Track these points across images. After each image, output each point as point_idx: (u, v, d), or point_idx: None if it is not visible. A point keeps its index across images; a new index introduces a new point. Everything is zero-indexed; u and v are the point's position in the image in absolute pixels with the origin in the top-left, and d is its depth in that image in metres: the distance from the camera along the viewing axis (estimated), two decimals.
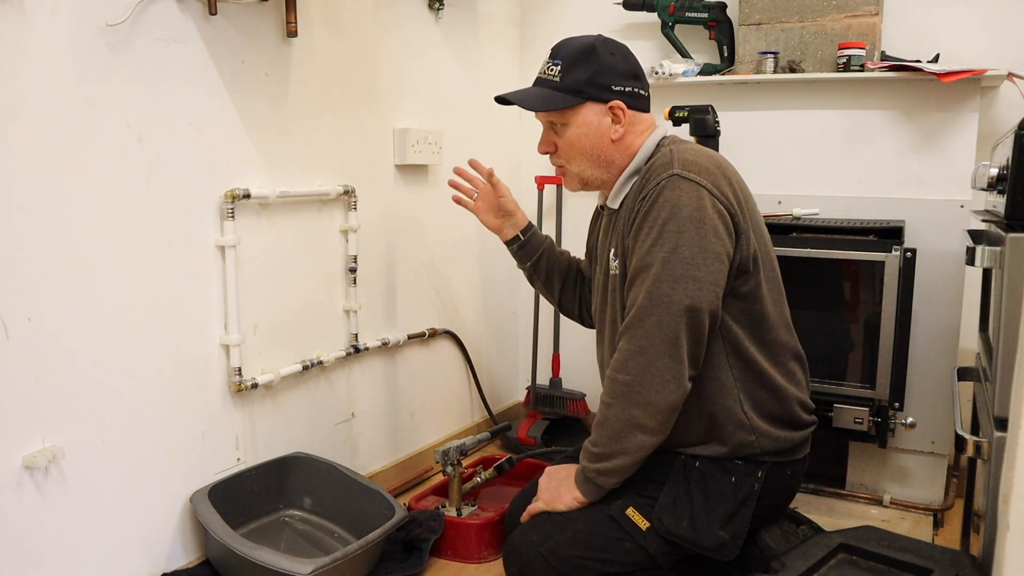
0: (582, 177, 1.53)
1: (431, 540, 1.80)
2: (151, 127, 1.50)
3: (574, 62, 1.46)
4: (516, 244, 1.79)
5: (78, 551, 1.44)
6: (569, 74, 1.46)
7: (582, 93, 1.46)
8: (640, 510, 1.42)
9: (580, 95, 1.46)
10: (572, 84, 1.46)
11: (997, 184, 1.31)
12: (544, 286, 1.82)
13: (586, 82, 1.46)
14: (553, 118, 1.50)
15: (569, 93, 1.46)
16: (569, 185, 1.57)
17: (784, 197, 2.23)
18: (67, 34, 1.35)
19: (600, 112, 1.48)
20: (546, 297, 1.86)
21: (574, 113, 1.48)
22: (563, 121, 1.49)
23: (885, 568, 1.31)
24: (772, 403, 1.47)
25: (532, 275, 1.82)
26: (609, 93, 1.47)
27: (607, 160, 1.50)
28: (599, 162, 1.50)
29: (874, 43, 2.10)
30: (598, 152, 1.49)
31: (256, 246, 1.75)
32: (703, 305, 1.34)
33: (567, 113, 1.48)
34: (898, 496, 2.14)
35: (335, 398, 2.02)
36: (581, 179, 1.54)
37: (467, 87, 2.43)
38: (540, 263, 1.79)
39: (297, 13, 1.73)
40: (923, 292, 2.03)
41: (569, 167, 1.53)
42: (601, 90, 1.47)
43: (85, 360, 1.42)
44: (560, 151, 1.53)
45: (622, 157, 1.50)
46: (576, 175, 1.54)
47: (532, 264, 1.79)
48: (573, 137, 1.49)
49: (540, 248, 1.79)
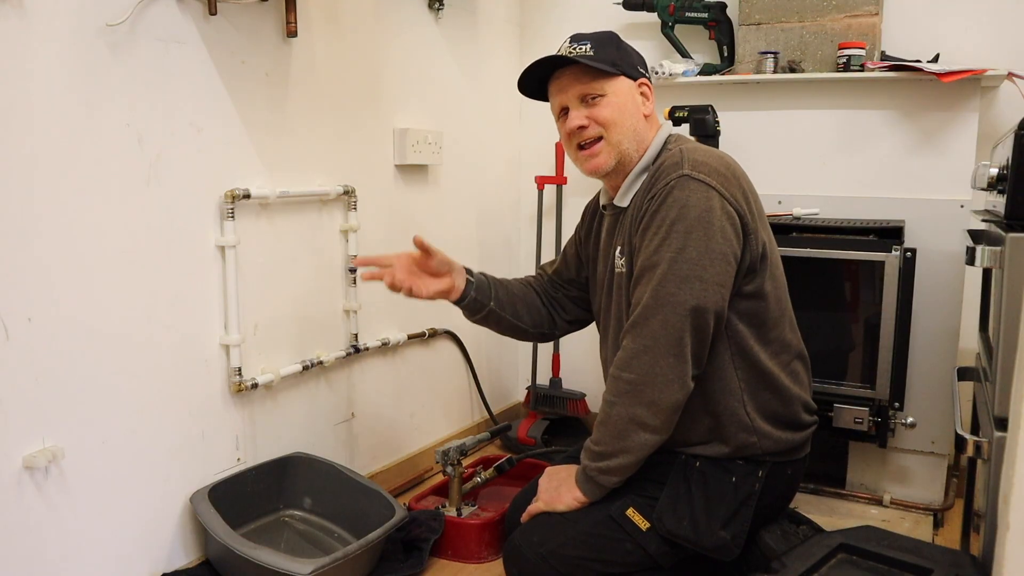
0: (620, 149, 1.48)
1: (431, 540, 1.80)
2: (151, 127, 1.50)
3: (603, 43, 1.48)
4: (472, 287, 1.65)
5: (78, 551, 1.44)
6: (602, 50, 1.47)
7: (617, 66, 1.48)
8: (640, 510, 1.42)
9: (616, 67, 1.47)
10: (607, 58, 1.47)
11: (997, 184, 1.31)
12: (512, 317, 1.70)
13: (618, 58, 1.48)
14: (592, 88, 1.47)
15: (606, 64, 1.47)
16: (600, 161, 1.49)
17: (784, 197, 2.23)
18: (67, 34, 1.35)
19: (632, 87, 1.50)
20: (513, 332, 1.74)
21: (612, 82, 1.48)
22: (601, 91, 1.47)
23: (885, 568, 1.31)
24: (775, 404, 1.47)
25: (497, 312, 1.68)
26: (637, 72, 1.51)
27: (641, 135, 1.50)
28: (635, 135, 1.49)
29: (874, 43, 2.10)
30: (635, 124, 1.49)
31: (256, 246, 1.75)
32: (708, 306, 1.34)
33: (606, 83, 1.47)
34: (898, 496, 2.14)
35: (335, 398, 2.02)
36: (619, 152, 1.48)
37: (467, 87, 2.43)
38: (499, 295, 1.69)
39: (297, 13, 1.74)
40: (923, 292, 2.03)
41: (609, 136, 1.48)
42: (631, 68, 1.50)
43: (85, 360, 1.42)
44: (599, 121, 1.48)
45: (648, 138, 1.51)
46: (615, 146, 1.48)
47: (494, 299, 1.67)
48: (613, 105, 1.47)
49: (488, 281, 1.69)
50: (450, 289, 1.63)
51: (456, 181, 2.40)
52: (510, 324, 1.71)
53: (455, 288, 1.63)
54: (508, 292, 1.71)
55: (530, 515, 1.50)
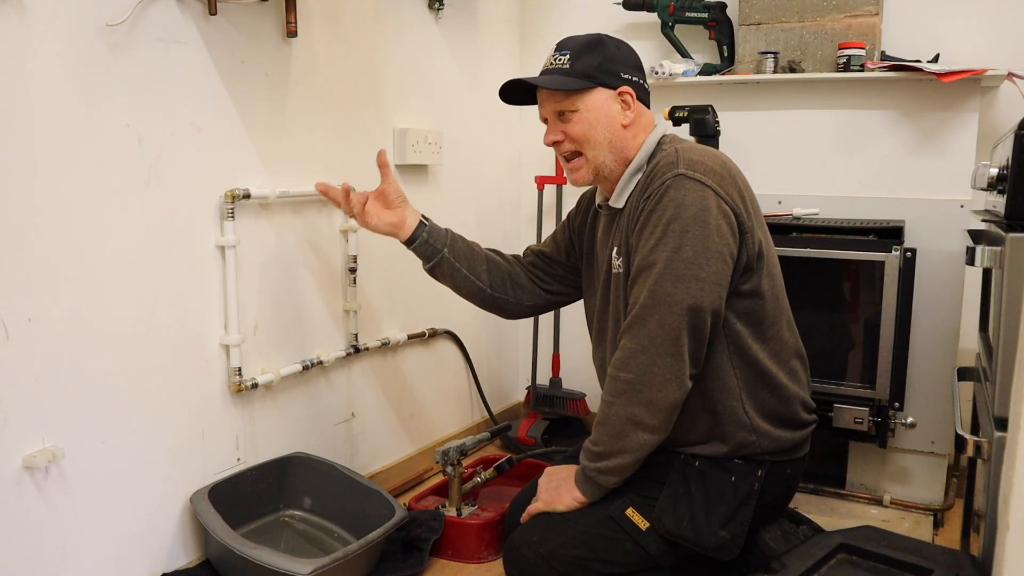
0: (596, 164, 1.49)
1: (431, 540, 1.80)
2: (151, 127, 1.50)
3: (582, 51, 1.47)
4: (424, 229, 1.66)
5: (78, 551, 1.44)
6: (579, 61, 1.47)
7: (592, 78, 1.46)
8: (640, 510, 1.42)
9: (591, 79, 1.46)
10: (582, 69, 1.46)
11: (997, 184, 1.31)
12: (469, 272, 1.69)
13: (596, 68, 1.47)
14: (563, 104, 1.48)
15: (579, 78, 1.46)
16: (580, 176, 1.52)
17: (784, 197, 2.23)
18: (67, 34, 1.35)
19: (610, 98, 1.48)
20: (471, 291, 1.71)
21: (584, 98, 1.47)
22: (573, 107, 1.47)
23: (885, 568, 1.31)
24: (774, 402, 1.47)
25: (451, 261, 1.67)
26: (618, 80, 1.48)
27: (620, 147, 1.49)
28: (613, 148, 1.48)
29: (874, 43, 2.10)
30: (611, 137, 1.48)
31: (256, 246, 1.75)
32: (705, 304, 1.34)
33: (578, 98, 1.47)
34: (898, 496, 2.14)
35: (335, 398, 2.02)
36: (595, 167, 1.50)
37: (467, 87, 2.43)
38: (457, 246, 1.69)
39: (297, 13, 1.73)
40: (923, 292, 2.03)
41: (585, 153, 1.49)
42: (611, 76, 1.48)
43: (85, 360, 1.42)
44: (572, 138, 1.49)
45: (631, 147, 1.50)
46: (591, 162, 1.49)
47: (449, 247, 1.67)
48: (585, 122, 1.47)
49: (447, 232, 1.70)
50: (400, 223, 1.65)
51: (456, 181, 2.40)
52: (464, 278, 1.69)
53: (405, 224, 1.65)
54: (468, 247, 1.71)
55: (530, 515, 1.50)
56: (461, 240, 1.71)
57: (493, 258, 1.74)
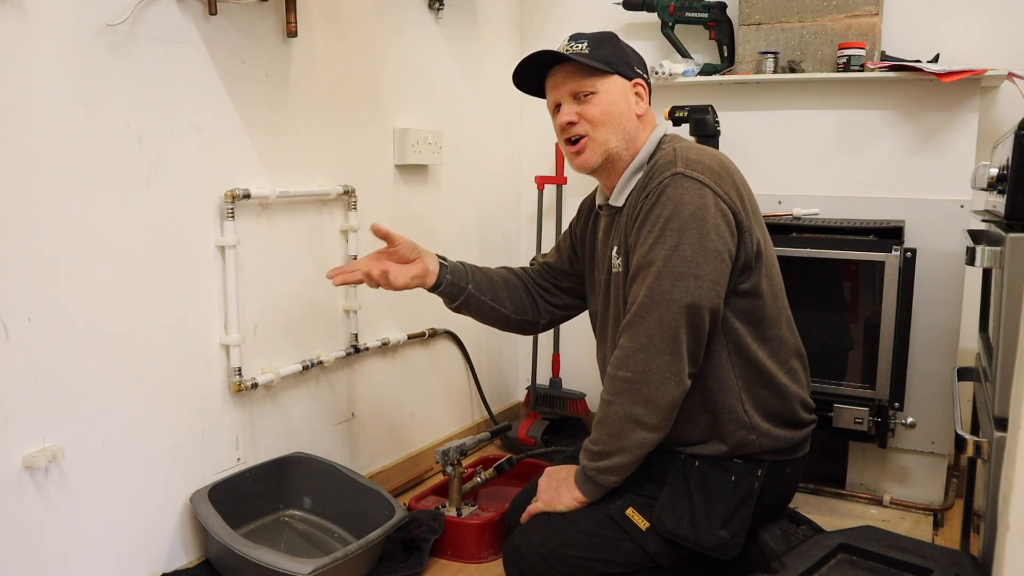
0: (607, 147, 1.48)
1: (431, 540, 1.80)
2: (151, 127, 1.50)
3: (600, 42, 1.50)
4: (447, 271, 1.64)
5: (78, 551, 1.44)
6: (598, 49, 1.49)
7: (612, 65, 1.48)
8: (640, 510, 1.42)
9: (610, 66, 1.48)
10: (601, 56, 1.48)
11: (997, 184, 1.31)
12: (493, 302, 1.69)
13: (614, 57, 1.49)
14: (584, 85, 1.48)
15: (600, 62, 1.48)
16: (586, 158, 1.50)
17: (784, 197, 2.23)
18: (67, 34, 1.35)
19: (626, 87, 1.50)
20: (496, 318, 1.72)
21: (605, 80, 1.48)
22: (593, 88, 1.48)
23: (885, 568, 1.31)
24: (773, 402, 1.47)
25: (476, 296, 1.67)
26: (633, 72, 1.52)
27: (631, 135, 1.50)
28: (624, 134, 1.49)
29: (874, 43, 2.10)
30: (625, 123, 1.49)
31: (256, 246, 1.75)
32: (704, 303, 1.34)
33: (598, 80, 1.48)
34: (898, 496, 2.14)
35: (335, 398, 2.02)
36: (605, 150, 1.49)
37: (467, 87, 2.43)
38: (477, 279, 1.69)
39: (297, 13, 1.74)
40: (923, 292, 2.03)
41: (595, 134, 1.48)
42: (627, 67, 1.51)
43: (85, 360, 1.42)
44: (588, 118, 1.48)
45: (641, 138, 1.51)
46: (601, 144, 1.48)
47: (472, 282, 1.67)
48: (602, 104, 1.48)
49: (465, 267, 1.69)
50: (424, 273, 1.63)
51: (456, 181, 2.40)
52: (491, 309, 1.70)
53: (429, 271, 1.63)
54: (487, 277, 1.72)
55: (530, 515, 1.50)
56: (478, 271, 1.71)
57: (510, 280, 1.75)
